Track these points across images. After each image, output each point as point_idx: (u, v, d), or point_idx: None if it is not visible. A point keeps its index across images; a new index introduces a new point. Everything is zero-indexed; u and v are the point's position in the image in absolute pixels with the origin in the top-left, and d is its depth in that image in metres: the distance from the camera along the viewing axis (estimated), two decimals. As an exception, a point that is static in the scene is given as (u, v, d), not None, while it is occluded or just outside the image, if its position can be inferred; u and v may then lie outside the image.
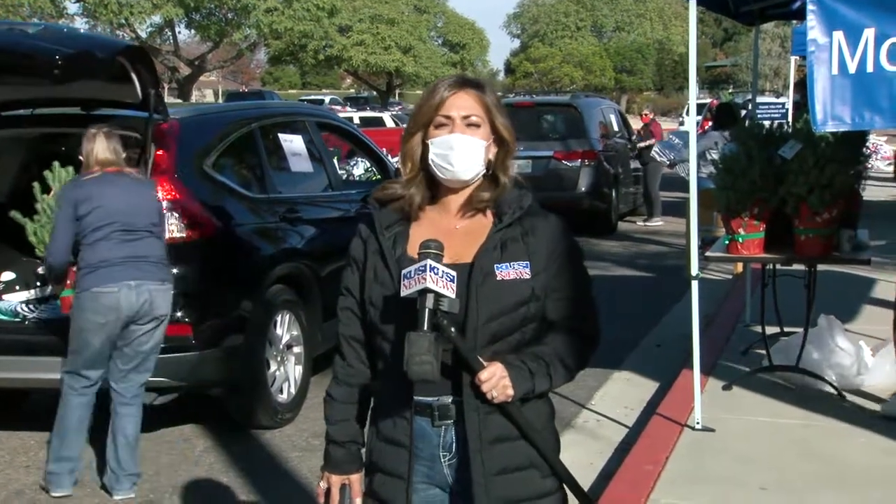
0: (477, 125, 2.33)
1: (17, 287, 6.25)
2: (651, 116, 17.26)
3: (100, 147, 4.91)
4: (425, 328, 2.15)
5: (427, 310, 2.16)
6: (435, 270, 2.15)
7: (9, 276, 6.30)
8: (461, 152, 2.30)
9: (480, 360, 2.23)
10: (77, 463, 4.98)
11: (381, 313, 2.32)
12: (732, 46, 67.90)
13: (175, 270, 5.33)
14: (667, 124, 29.84)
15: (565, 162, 13.94)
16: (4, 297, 6.13)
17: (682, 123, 33.67)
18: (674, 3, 66.41)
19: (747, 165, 5.59)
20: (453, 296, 2.17)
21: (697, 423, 5.40)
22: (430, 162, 2.32)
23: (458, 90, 2.34)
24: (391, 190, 2.40)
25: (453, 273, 2.19)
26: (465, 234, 2.35)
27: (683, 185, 14.94)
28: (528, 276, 2.30)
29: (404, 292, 2.18)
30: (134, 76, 5.40)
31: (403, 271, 2.20)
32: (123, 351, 4.92)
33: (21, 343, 5.48)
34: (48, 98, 5.93)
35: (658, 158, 14.45)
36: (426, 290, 2.15)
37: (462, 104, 2.33)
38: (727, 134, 12.08)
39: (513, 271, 2.29)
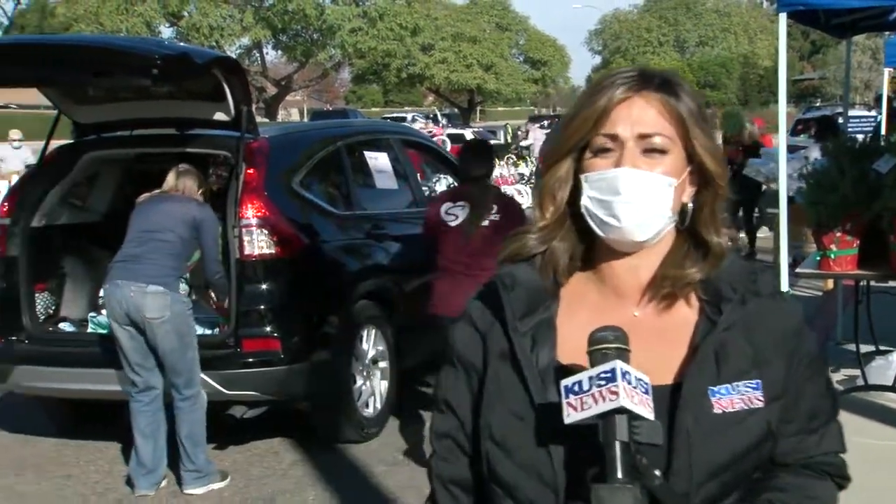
0: (662, 151, 1.44)
1: (114, 302, 6.42)
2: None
3: (168, 180, 5.29)
4: (619, 474, 1.27)
5: (619, 444, 1.27)
6: (627, 377, 1.28)
7: (106, 291, 6.48)
8: (634, 197, 1.42)
9: None
10: (153, 468, 5.12)
11: (511, 452, 1.44)
12: (820, 59, 66.53)
13: (264, 287, 5.45)
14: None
15: None
16: (104, 311, 6.31)
17: None
18: (760, 16, 65.34)
19: (839, 180, 5.46)
20: (652, 416, 1.29)
21: (789, 441, 5.26)
22: (584, 210, 1.46)
23: (634, 93, 1.44)
24: (523, 244, 1.52)
25: (647, 380, 1.31)
26: (652, 333, 1.46)
27: (772, 201, 14.63)
28: (760, 404, 1.42)
29: (573, 417, 1.29)
30: (227, 90, 5.53)
31: (566, 382, 1.32)
32: (155, 353, 5.09)
33: (118, 357, 5.60)
34: (146, 119, 6.09)
35: (753, 176, 14.07)
36: (616, 412, 1.27)
37: (639, 116, 1.44)
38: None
39: (738, 397, 1.41)
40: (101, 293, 6.43)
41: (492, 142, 31.86)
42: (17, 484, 5.45)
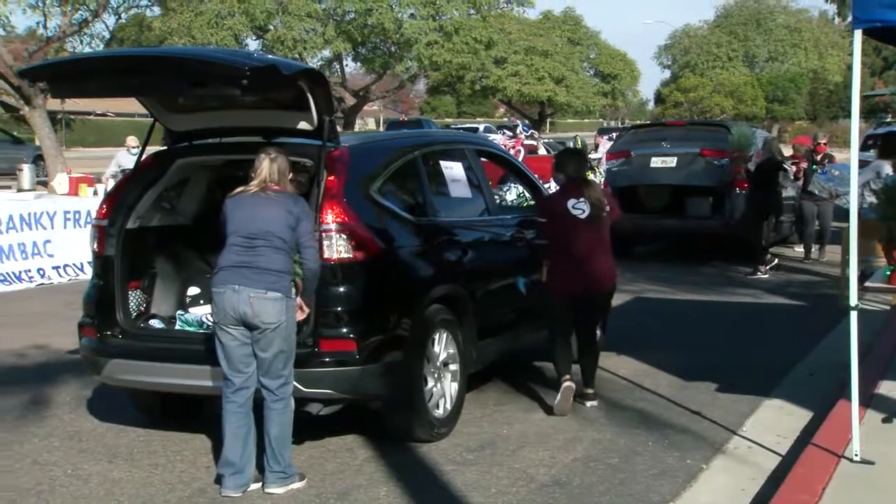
0: None
1: (202, 301, 6.55)
2: (825, 145, 15.80)
3: (263, 168, 5.17)
4: None
5: None
6: None
7: (194, 290, 6.61)
8: None
9: None
10: (241, 468, 5.11)
11: None
12: (892, 75, 64.82)
13: (342, 289, 5.50)
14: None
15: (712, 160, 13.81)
16: (191, 309, 6.43)
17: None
18: (831, 32, 63.92)
19: (909, 195, 5.32)
20: None
21: (856, 454, 5.14)
22: None
23: None
24: None
25: None
26: None
27: (839, 215, 14.30)
28: None
29: None
30: (311, 100, 5.59)
31: None
32: (256, 355, 5.08)
33: (204, 353, 5.70)
34: (233, 127, 6.20)
35: (818, 192, 13.71)
36: None
37: None
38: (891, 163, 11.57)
39: None
40: (189, 292, 6.59)
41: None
42: (111, 470, 5.57)
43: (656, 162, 14.36)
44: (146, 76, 5.64)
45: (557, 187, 7.08)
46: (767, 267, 12.89)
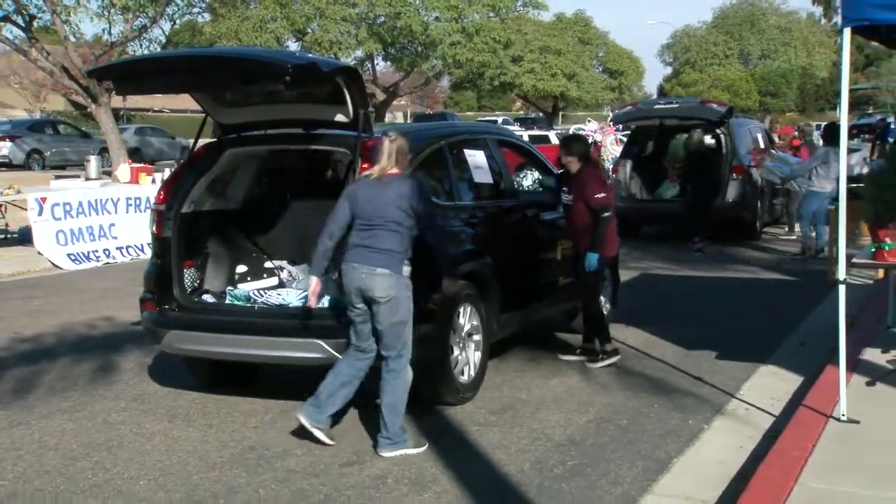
0: None
1: (249, 277, 6.56)
2: (802, 140, 15.81)
3: (384, 149, 5.12)
4: None
5: None
6: None
7: (242, 268, 6.62)
8: None
9: None
10: (320, 405, 5.11)
11: None
12: (873, 71, 63.96)
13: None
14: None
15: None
16: (239, 285, 6.44)
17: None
18: (818, 32, 63.17)
19: (895, 178, 5.23)
20: None
21: (843, 414, 5.09)
22: None
23: None
24: None
25: None
26: None
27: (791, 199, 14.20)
28: None
29: None
30: (347, 95, 5.55)
31: None
32: (375, 328, 5.07)
33: (252, 324, 5.72)
34: (277, 119, 6.17)
35: (767, 176, 13.69)
36: None
37: None
38: (837, 150, 11.50)
39: None
40: (238, 270, 6.59)
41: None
42: (171, 429, 5.61)
43: (661, 104, 15.57)
44: (200, 74, 5.63)
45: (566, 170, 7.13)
46: (698, 244, 12.88)
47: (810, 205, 12.00)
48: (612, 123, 21.27)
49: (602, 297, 7.34)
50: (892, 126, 17.47)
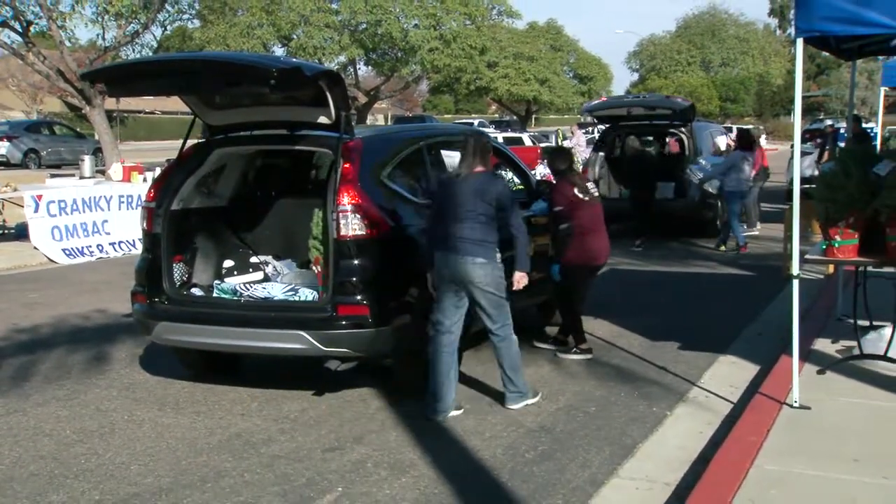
0: None
1: (236, 272, 6.52)
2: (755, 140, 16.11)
3: (469, 147, 5.45)
4: None
5: None
6: None
7: (229, 263, 6.57)
8: None
9: None
10: (441, 397, 5.31)
11: None
12: (824, 79, 64.66)
13: (356, 262, 5.45)
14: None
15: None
16: (226, 279, 6.39)
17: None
18: (774, 42, 63.81)
19: (845, 181, 5.27)
20: None
21: (795, 401, 5.13)
22: None
23: None
24: None
25: None
26: None
27: (780, 197, 14.38)
28: None
29: None
30: (330, 98, 5.52)
31: None
32: (475, 308, 5.39)
33: (238, 317, 5.67)
34: (262, 121, 6.12)
35: (689, 176, 13.88)
36: None
37: None
38: (747, 154, 12.64)
39: None
40: (225, 264, 6.53)
41: (543, 144, 31.50)
42: (161, 417, 5.56)
43: (628, 98, 16.50)
44: (190, 77, 5.58)
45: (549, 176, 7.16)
46: (638, 241, 13.04)
47: (732, 205, 12.49)
48: (581, 116, 22.11)
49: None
50: (842, 132, 17.65)
